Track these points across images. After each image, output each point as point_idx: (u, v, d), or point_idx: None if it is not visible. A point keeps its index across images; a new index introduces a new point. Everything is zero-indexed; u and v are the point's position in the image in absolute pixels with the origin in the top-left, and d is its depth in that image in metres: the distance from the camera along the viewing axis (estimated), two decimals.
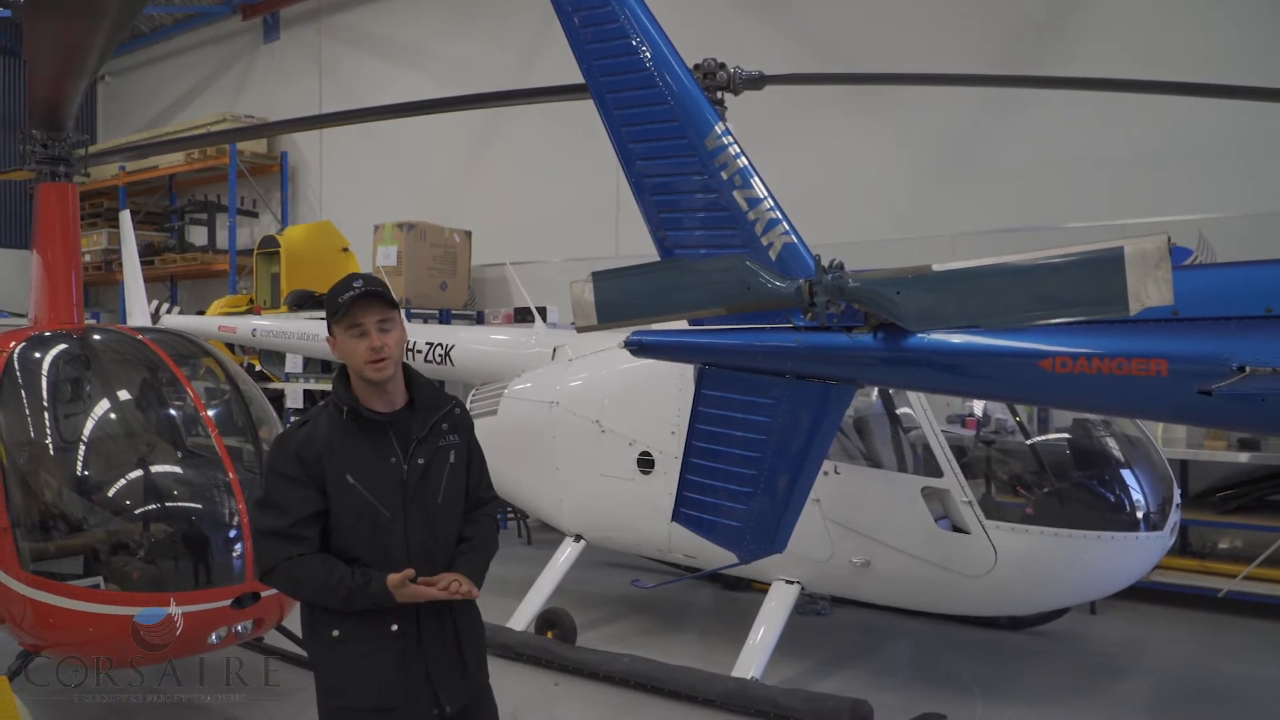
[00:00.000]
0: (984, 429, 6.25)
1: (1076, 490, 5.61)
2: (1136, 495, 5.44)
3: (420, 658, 2.95)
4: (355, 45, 14.00)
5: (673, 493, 4.57)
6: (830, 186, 9.45)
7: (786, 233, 4.15)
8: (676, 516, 4.57)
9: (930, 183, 9.21)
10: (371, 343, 2.88)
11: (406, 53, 13.33)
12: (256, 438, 4.98)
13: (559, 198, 11.54)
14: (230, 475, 4.48)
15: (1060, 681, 5.93)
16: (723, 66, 6.32)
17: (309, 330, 9.31)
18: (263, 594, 4.40)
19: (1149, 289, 3.17)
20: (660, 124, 4.32)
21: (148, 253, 14.49)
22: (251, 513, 2.92)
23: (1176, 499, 5.59)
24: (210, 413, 4.84)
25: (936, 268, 3.71)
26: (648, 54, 4.30)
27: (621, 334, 4.73)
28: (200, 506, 4.54)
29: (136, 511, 4.49)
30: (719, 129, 4.25)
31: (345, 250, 12.39)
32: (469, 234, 11.49)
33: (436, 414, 3.04)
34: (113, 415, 4.83)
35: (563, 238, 11.25)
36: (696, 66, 6.22)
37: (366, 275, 3.00)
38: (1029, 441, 6.03)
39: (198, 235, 15.37)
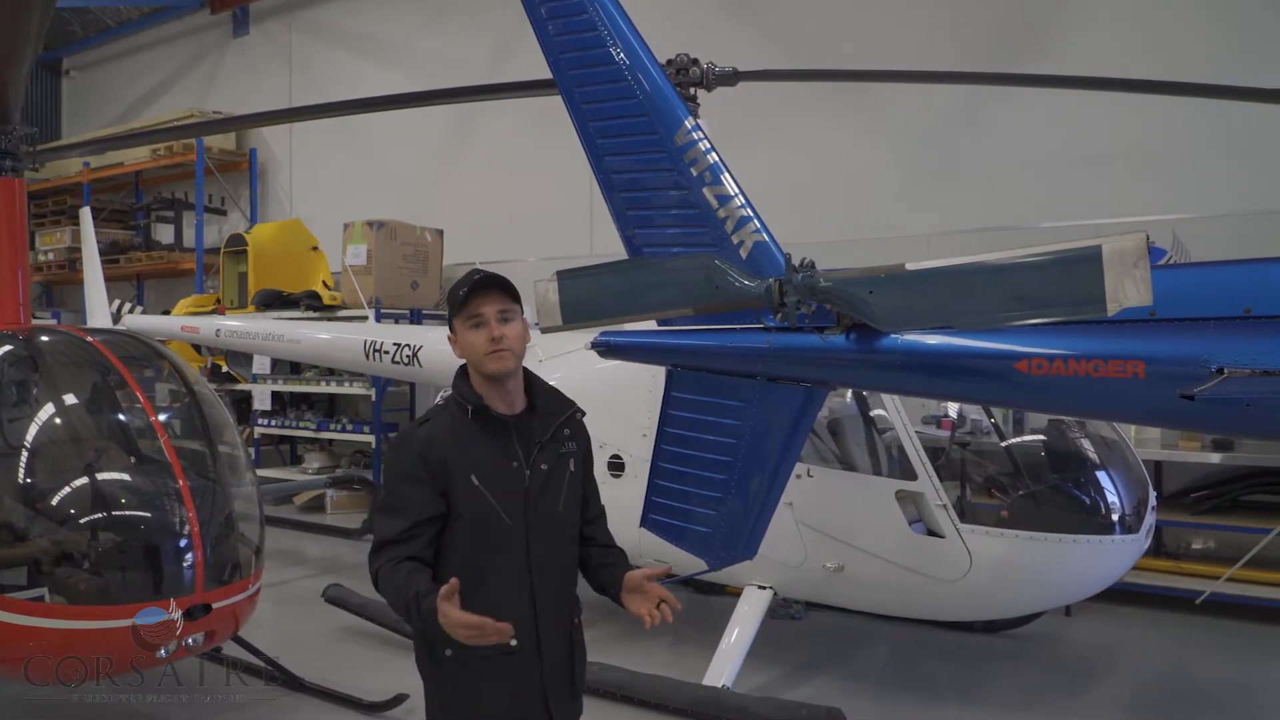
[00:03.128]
0: (959, 430, 6.17)
1: (1052, 493, 5.55)
2: (1112, 498, 5.38)
3: (539, 676, 2.80)
4: (326, 40, 13.79)
5: (642, 497, 4.45)
6: (807, 185, 9.36)
7: (757, 231, 4.04)
8: (645, 522, 4.45)
9: (907, 182, 9.13)
10: (491, 332, 2.77)
11: (379, 48, 13.13)
12: (211, 443, 4.81)
13: (533, 196, 11.39)
14: (180, 482, 4.30)
15: (1035, 684, 5.86)
16: (695, 62, 6.22)
17: (275, 330, 9.13)
18: (214, 605, 4.24)
19: (1127, 289, 3.08)
20: (628, 119, 4.18)
21: (113, 251, 14.23)
22: (375, 519, 2.78)
23: (1152, 501, 5.54)
24: (161, 417, 4.66)
25: (910, 267, 3.61)
26: (616, 47, 4.16)
27: (593, 334, 4.61)
28: (148, 515, 4.35)
29: (80, 521, 4.29)
30: (689, 124, 4.12)
31: (315, 249, 12.22)
32: (441, 232, 11.34)
33: (559, 418, 2.89)
34: (56, 420, 4.63)
35: (536, 237, 11.10)
36: (669, 62, 6.12)
37: (488, 271, 2.89)
38: (1004, 443, 5.96)
39: (164, 233, 15.08)
